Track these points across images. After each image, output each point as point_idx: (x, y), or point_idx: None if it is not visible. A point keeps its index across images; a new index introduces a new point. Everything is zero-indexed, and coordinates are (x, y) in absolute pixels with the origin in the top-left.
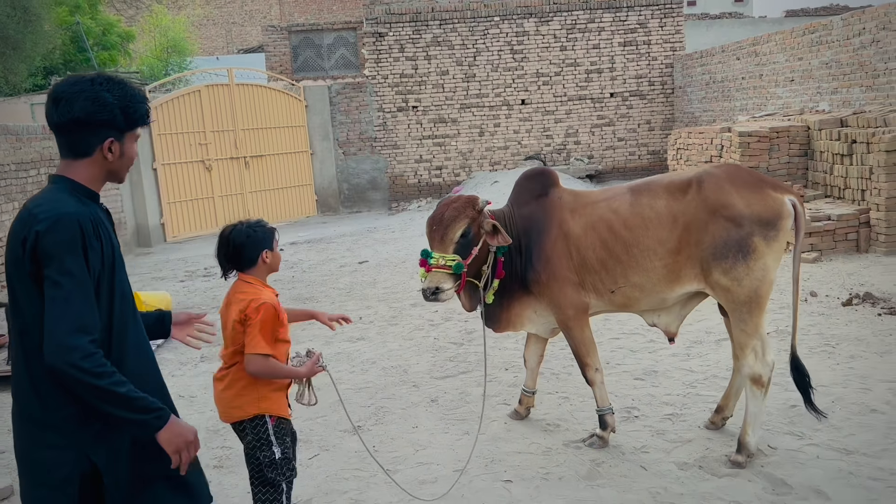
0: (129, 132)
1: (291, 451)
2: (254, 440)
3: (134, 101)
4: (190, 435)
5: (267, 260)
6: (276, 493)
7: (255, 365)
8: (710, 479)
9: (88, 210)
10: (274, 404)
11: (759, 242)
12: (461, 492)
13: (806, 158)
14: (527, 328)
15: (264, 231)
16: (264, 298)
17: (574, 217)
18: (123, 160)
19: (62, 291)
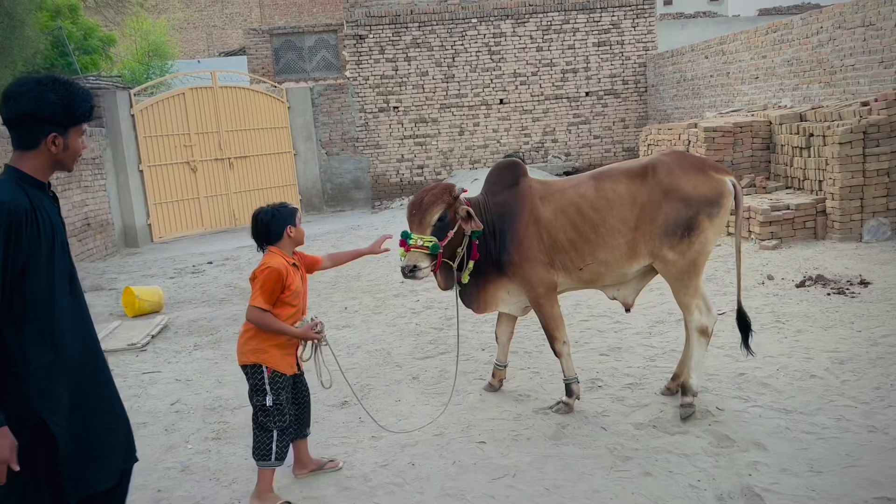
0: (73, 127)
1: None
2: (252, 385)
3: (76, 100)
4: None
5: (291, 234)
6: (268, 437)
7: (251, 314)
8: (663, 437)
9: (26, 198)
10: (271, 358)
11: (704, 220)
12: (439, 452)
13: (768, 151)
14: (500, 308)
15: (287, 210)
16: (272, 264)
17: (544, 203)
18: (68, 152)
19: None
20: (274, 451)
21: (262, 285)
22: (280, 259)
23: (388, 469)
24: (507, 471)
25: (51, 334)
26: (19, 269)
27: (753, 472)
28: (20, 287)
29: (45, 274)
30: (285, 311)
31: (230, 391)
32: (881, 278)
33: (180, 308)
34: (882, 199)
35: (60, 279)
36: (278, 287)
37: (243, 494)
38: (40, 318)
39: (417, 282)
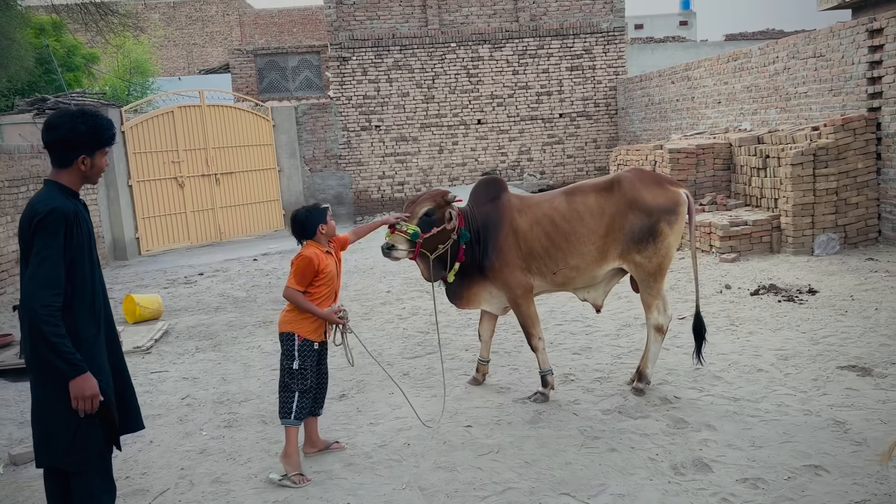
0: (98, 150)
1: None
2: (283, 351)
3: (101, 129)
4: (88, 391)
5: (323, 231)
6: (290, 397)
7: (286, 292)
8: (626, 420)
9: (72, 204)
10: (304, 328)
11: (664, 227)
12: (431, 434)
13: (729, 171)
14: (483, 306)
15: (318, 211)
16: (306, 253)
17: (521, 216)
18: (94, 170)
19: (38, 259)
20: (294, 411)
21: (296, 270)
22: (314, 249)
23: (386, 448)
24: (492, 448)
25: (94, 312)
26: (70, 260)
27: (704, 448)
28: (71, 274)
29: (87, 263)
30: (321, 291)
31: (235, 387)
32: (827, 287)
33: (178, 315)
34: (831, 216)
35: (97, 271)
36: (310, 272)
37: (260, 470)
38: (86, 298)
39: (404, 289)
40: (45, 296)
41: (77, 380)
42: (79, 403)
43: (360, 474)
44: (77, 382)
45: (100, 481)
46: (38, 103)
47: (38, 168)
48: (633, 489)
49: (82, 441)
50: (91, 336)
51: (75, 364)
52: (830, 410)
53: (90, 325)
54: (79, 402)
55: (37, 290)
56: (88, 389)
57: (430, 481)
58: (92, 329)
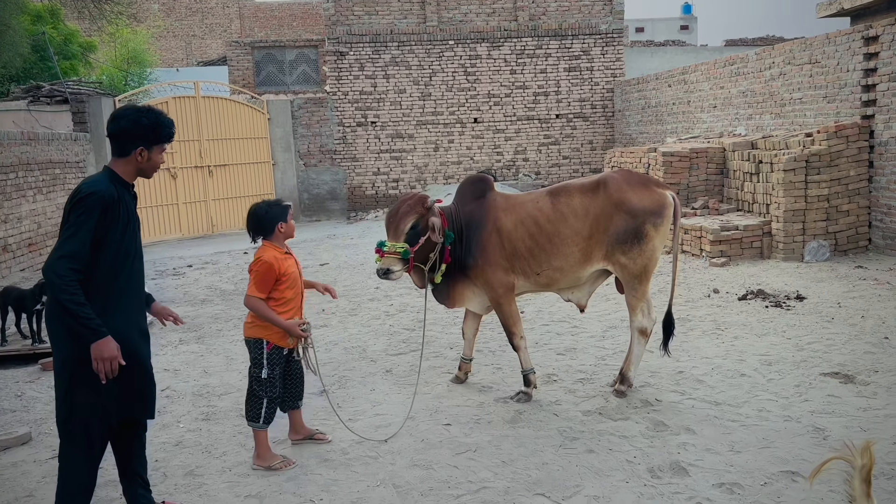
0: (156, 145)
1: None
2: (252, 357)
3: (162, 125)
4: (106, 353)
5: (282, 230)
6: (258, 403)
7: (247, 301)
8: (606, 422)
9: (115, 191)
10: (273, 334)
11: (650, 229)
12: (409, 432)
13: (722, 176)
14: (467, 305)
15: (279, 208)
16: (265, 257)
17: (506, 215)
18: (150, 163)
19: (68, 233)
20: (263, 416)
21: (256, 276)
22: (271, 251)
23: (363, 445)
24: (469, 447)
25: (111, 298)
26: (99, 243)
27: (682, 451)
28: (97, 257)
29: (113, 250)
30: (286, 295)
31: (216, 380)
32: (815, 294)
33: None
34: (822, 223)
35: (125, 256)
36: (271, 276)
37: (234, 464)
38: (102, 284)
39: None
40: (63, 267)
41: (97, 343)
42: (99, 365)
43: (335, 470)
44: (97, 345)
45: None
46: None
47: (28, 155)
48: (608, 491)
49: (69, 412)
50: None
51: (93, 328)
52: (811, 417)
53: (102, 298)
54: (99, 364)
55: (56, 260)
56: (107, 351)
57: (405, 479)
58: (101, 304)
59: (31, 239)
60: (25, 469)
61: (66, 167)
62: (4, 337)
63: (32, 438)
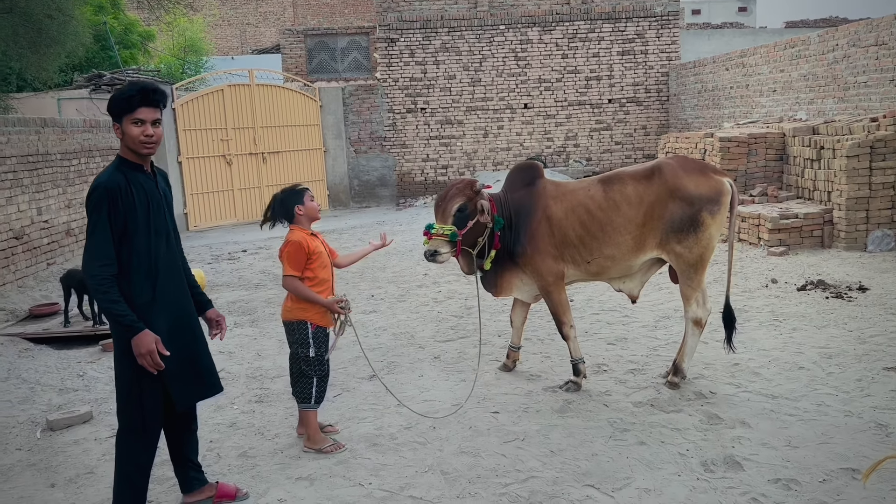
0: (124, 117)
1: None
2: (296, 339)
3: (122, 93)
4: (143, 348)
5: (300, 212)
6: (308, 383)
7: (285, 283)
8: (658, 414)
9: (123, 178)
10: (315, 315)
11: (706, 217)
12: (457, 419)
13: (781, 162)
14: (515, 293)
15: (295, 192)
16: (291, 238)
17: (556, 203)
18: (127, 137)
19: (88, 233)
20: (314, 395)
21: (287, 258)
22: (298, 233)
23: (411, 431)
24: (517, 435)
25: (149, 278)
26: (120, 230)
27: (737, 445)
28: (126, 243)
29: (143, 233)
30: (319, 275)
31: (269, 363)
32: (879, 285)
33: (219, 291)
34: (887, 211)
35: (156, 237)
36: (302, 255)
37: (286, 446)
38: (141, 267)
39: (441, 272)
40: (93, 267)
41: (135, 339)
42: (140, 360)
43: (383, 455)
44: (135, 341)
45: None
46: (94, 79)
47: (90, 142)
48: (659, 484)
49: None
50: (146, 302)
51: (130, 324)
52: (873, 412)
53: (145, 291)
54: (140, 359)
55: (87, 262)
56: (144, 346)
57: (452, 465)
58: (147, 294)
59: None
60: (87, 447)
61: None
62: (67, 318)
63: (94, 417)
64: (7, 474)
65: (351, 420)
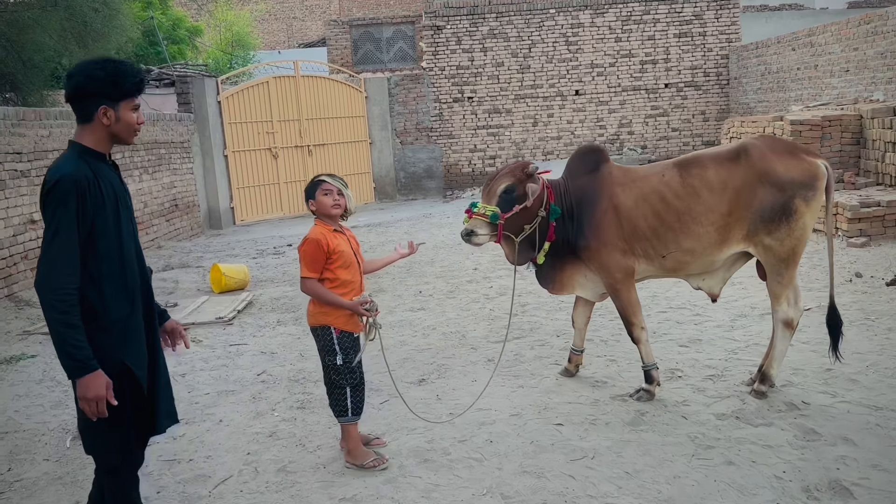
0: (123, 101)
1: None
2: (322, 346)
3: (122, 75)
4: (91, 392)
5: (313, 207)
6: (342, 394)
7: (302, 286)
8: (745, 428)
9: (88, 168)
10: (338, 320)
11: (800, 204)
12: (517, 431)
13: (858, 147)
14: (577, 291)
15: (311, 184)
16: (310, 235)
17: (624, 190)
18: (121, 125)
19: (48, 235)
20: (350, 407)
21: (303, 257)
22: (317, 229)
23: (466, 445)
24: (586, 453)
25: (126, 289)
26: (87, 229)
27: (842, 467)
28: (92, 246)
29: (114, 235)
30: (342, 274)
31: (313, 364)
32: None
33: (263, 287)
34: None
35: (128, 239)
36: (320, 255)
37: (329, 460)
38: (115, 274)
39: (492, 267)
40: (56, 278)
41: (83, 379)
42: (83, 405)
43: (436, 473)
44: (83, 382)
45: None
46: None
47: None
48: None
49: (100, 437)
50: (123, 316)
51: (81, 360)
52: None
53: (122, 303)
54: (83, 404)
55: (47, 271)
56: (92, 391)
57: (514, 488)
58: (124, 308)
59: (139, 218)
60: None
61: (171, 147)
62: None
63: None
64: (31, 489)
65: (399, 431)
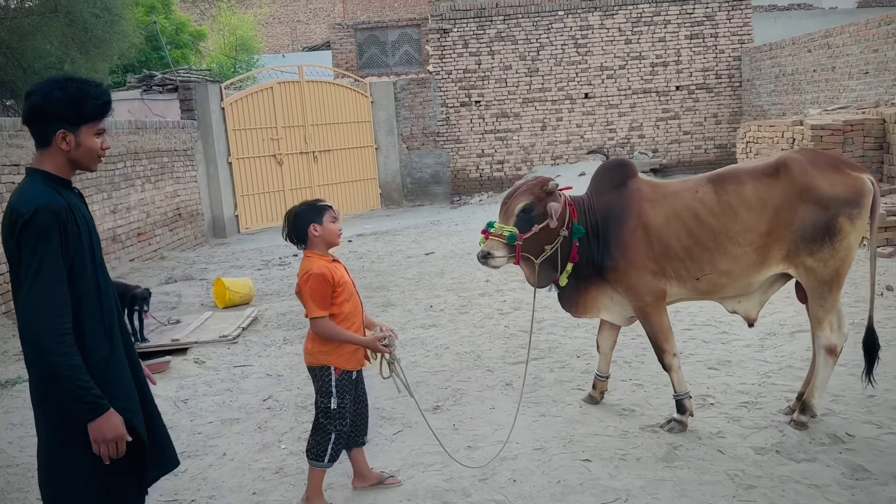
0: (84, 125)
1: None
2: (318, 387)
3: (84, 97)
4: (110, 433)
5: (316, 234)
6: (324, 440)
7: (315, 327)
8: (788, 464)
9: (62, 197)
10: (339, 358)
11: (844, 222)
12: (541, 468)
13: (881, 152)
14: (602, 315)
15: (312, 208)
16: (313, 270)
17: (654, 207)
18: (81, 150)
19: (30, 273)
20: (329, 454)
21: (311, 295)
22: (317, 261)
23: (487, 484)
24: (618, 494)
25: (104, 326)
26: (69, 267)
27: None
28: (72, 284)
29: (91, 271)
30: (346, 307)
31: None
32: None
33: (269, 301)
34: None
35: (102, 273)
36: (327, 290)
37: (341, 502)
38: (93, 312)
39: (504, 279)
40: (47, 320)
41: (97, 421)
42: (101, 448)
43: None
44: (97, 424)
45: None
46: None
47: (136, 144)
48: None
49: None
50: (104, 355)
51: (92, 402)
52: None
53: (102, 342)
54: (101, 447)
55: (34, 314)
56: (111, 431)
57: None
58: (105, 347)
59: (141, 228)
60: None
61: (174, 155)
62: None
63: None
64: None
65: (415, 467)
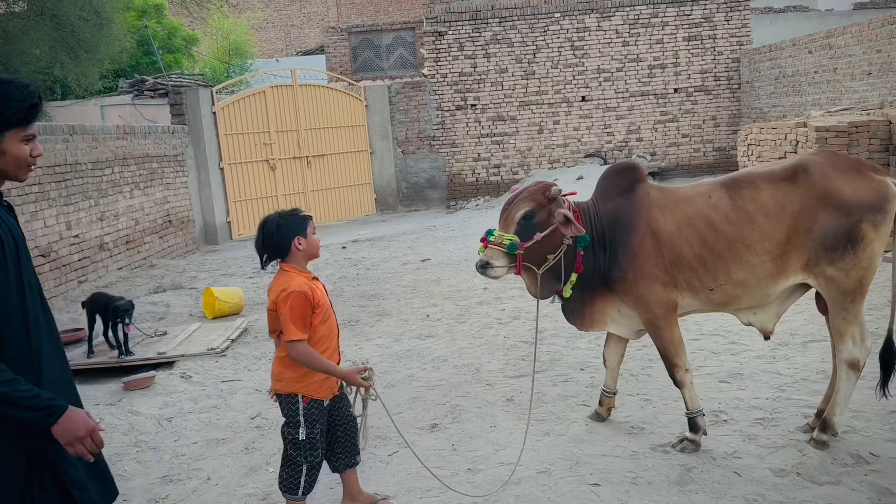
0: (10, 131)
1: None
2: (286, 415)
3: (7, 99)
4: (81, 428)
5: (300, 247)
6: (296, 472)
7: (294, 351)
8: (810, 487)
9: None
10: (308, 386)
11: (867, 229)
12: (547, 494)
13: (888, 154)
14: (609, 328)
15: (296, 218)
16: (293, 287)
17: (664, 214)
18: (6, 159)
19: None
20: (302, 486)
21: (291, 315)
22: (297, 277)
23: None
24: None
25: (30, 352)
26: None
27: None
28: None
29: (15, 290)
30: (321, 329)
31: None
32: None
33: (259, 311)
34: None
35: (30, 294)
36: (308, 310)
37: None
38: (16, 336)
39: (502, 287)
40: None
41: (61, 422)
42: (77, 448)
43: None
44: (62, 426)
45: None
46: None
47: (124, 150)
48: None
49: None
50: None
51: (45, 406)
52: None
53: (28, 372)
54: (76, 447)
55: None
56: (80, 427)
57: None
58: (29, 376)
59: (129, 236)
60: None
61: (163, 161)
62: (91, 347)
63: None
64: None
65: (411, 493)
